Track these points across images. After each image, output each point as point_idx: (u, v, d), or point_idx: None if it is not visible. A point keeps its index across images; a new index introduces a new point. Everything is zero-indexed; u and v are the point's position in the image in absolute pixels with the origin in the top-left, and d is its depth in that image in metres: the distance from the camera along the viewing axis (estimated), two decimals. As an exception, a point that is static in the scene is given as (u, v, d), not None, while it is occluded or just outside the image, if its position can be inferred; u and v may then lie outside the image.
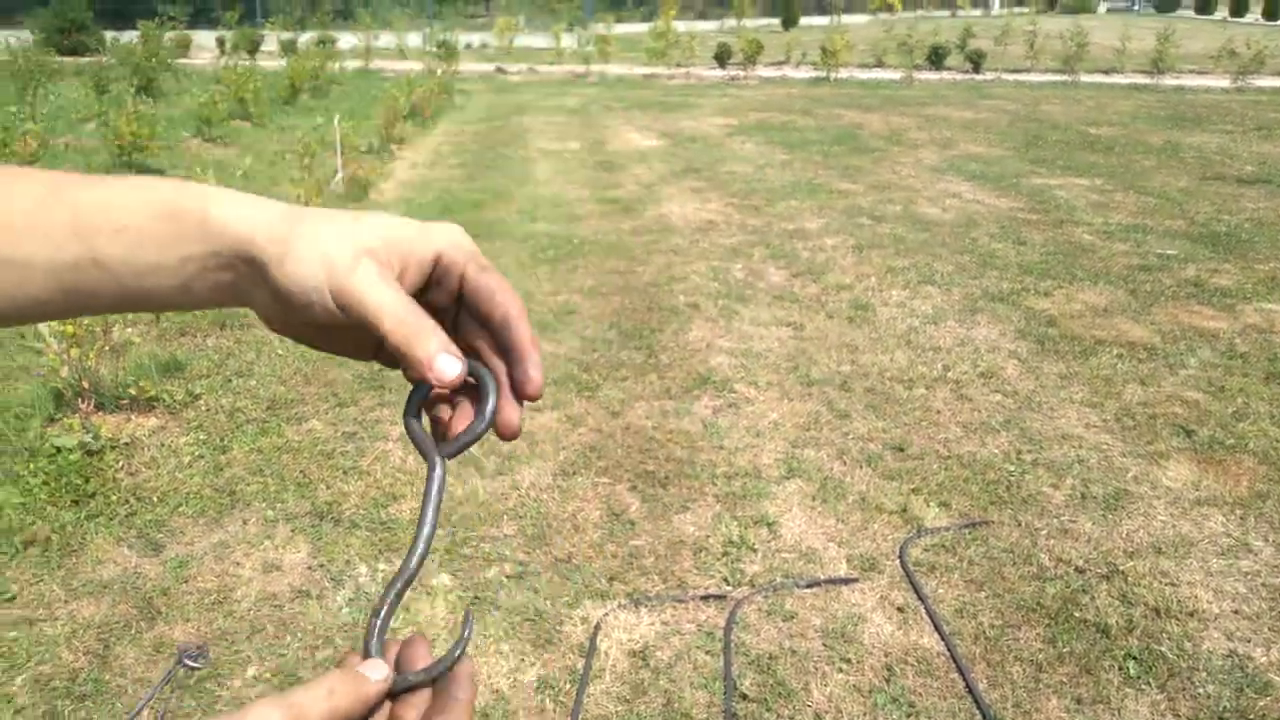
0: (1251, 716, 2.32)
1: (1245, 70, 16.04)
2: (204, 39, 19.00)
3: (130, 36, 15.93)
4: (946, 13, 35.98)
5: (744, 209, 7.31)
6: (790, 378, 4.19)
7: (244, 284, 0.48)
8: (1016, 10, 34.14)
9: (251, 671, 2.40)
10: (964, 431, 3.72)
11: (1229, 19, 36.04)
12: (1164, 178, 8.46)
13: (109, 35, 17.06)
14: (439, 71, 14.50)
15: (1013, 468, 3.45)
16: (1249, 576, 2.86)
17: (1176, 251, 6.13)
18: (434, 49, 18.05)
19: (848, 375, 4.21)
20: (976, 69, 18.16)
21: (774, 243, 6.32)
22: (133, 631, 2.52)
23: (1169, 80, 16.67)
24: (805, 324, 4.82)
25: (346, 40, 18.94)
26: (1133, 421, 3.81)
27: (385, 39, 19.85)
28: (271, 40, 18.87)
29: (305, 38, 18.76)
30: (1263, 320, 4.92)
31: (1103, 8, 38.24)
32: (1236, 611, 2.71)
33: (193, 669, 2.38)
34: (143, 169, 7.43)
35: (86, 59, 15.01)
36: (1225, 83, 16.27)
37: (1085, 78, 16.99)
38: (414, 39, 21.15)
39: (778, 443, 3.61)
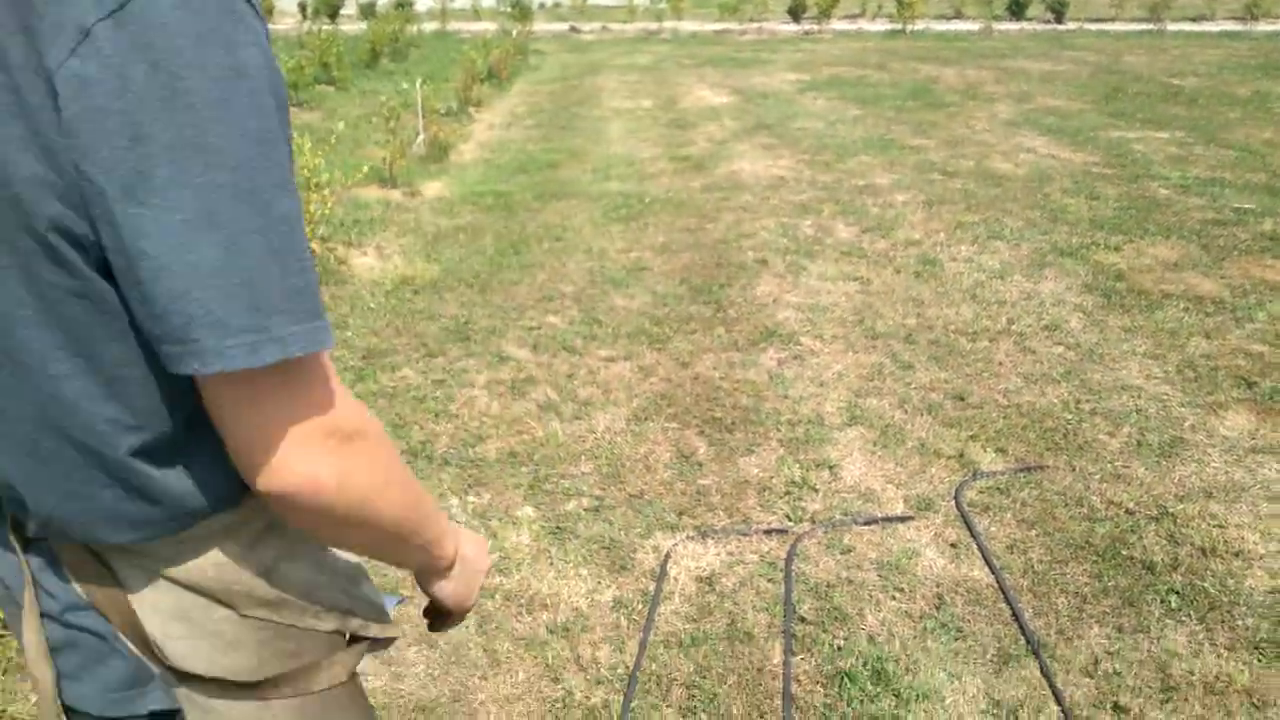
0: (1288, 648, 2.44)
1: (1347, 14, 15.37)
2: (285, 4, 19.47)
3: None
4: (1031, -41, 34.80)
5: (815, 165, 7.39)
6: (855, 331, 4.33)
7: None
8: (1105, -45, 32.86)
9: (358, 588, 2.68)
10: (1024, 382, 3.83)
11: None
12: (1248, 130, 8.27)
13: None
14: (514, 32, 14.69)
15: (1070, 416, 3.56)
16: (1299, 520, 2.95)
17: (1254, 205, 6.06)
18: (508, 9, 18.23)
19: (912, 328, 4.34)
20: (1059, 19, 17.69)
21: (844, 199, 6.41)
22: (253, 553, 2.82)
23: (1264, 26, 16.04)
24: (872, 279, 4.95)
25: (423, 2, 19.23)
26: (1194, 373, 3.88)
27: (461, 0, 20.09)
28: (351, 4, 19.26)
29: (384, 0, 19.09)
30: (1339, 274, 4.89)
31: (1198, -50, 36.56)
32: (1283, 553, 2.81)
33: (307, 585, 2.67)
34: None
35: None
36: (1325, 28, 15.62)
37: (1172, 26, 16.46)
38: (489, -1, 21.36)
39: (841, 392, 3.78)
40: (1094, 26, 17.08)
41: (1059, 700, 2.28)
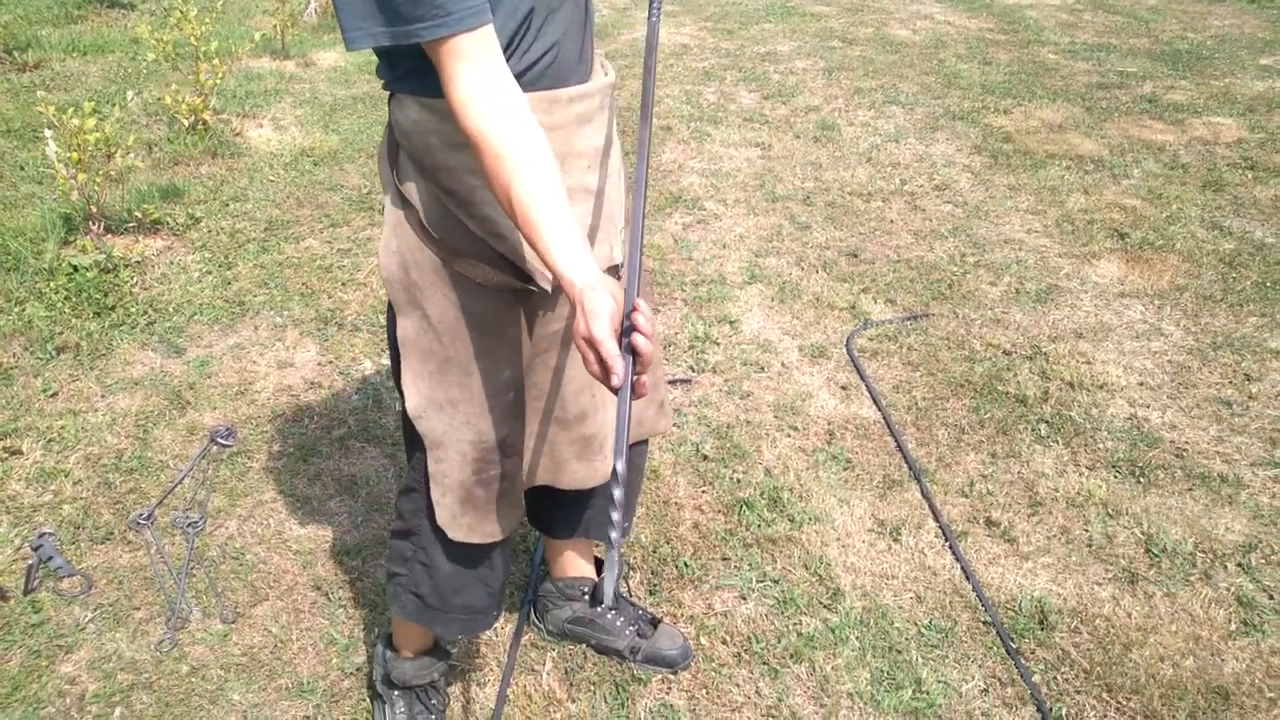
0: (1140, 464, 2.71)
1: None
2: None
3: None
4: None
5: (717, 33, 7.35)
6: (757, 195, 4.44)
7: None
8: None
9: (276, 448, 2.74)
10: (914, 238, 4.01)
11: None
12: (1136, -4, 8.49)
13: None
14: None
15: (956, 269, 3.76)
16: (1157, 355, 3.23)
17: (1136, 69, 6.29)
18: None
19: (810, 191, 4.47)
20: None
21: (746, 66, 6.43)
22: (167, 418, 2.85)
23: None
24: (773, 144, 5.03)
25: None
26: (1071, 226, 4.11)
27: None
28: None
29: None
30: (1209, 133, 5.16)
31: None
32: (1141, 384, 3.08)
33: (224, 446, 2.73)
34: (115, 2, 7.36)
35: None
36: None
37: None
38: None
39: (742, 253, 3.90)
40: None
41: (937, 517, 2.51)
